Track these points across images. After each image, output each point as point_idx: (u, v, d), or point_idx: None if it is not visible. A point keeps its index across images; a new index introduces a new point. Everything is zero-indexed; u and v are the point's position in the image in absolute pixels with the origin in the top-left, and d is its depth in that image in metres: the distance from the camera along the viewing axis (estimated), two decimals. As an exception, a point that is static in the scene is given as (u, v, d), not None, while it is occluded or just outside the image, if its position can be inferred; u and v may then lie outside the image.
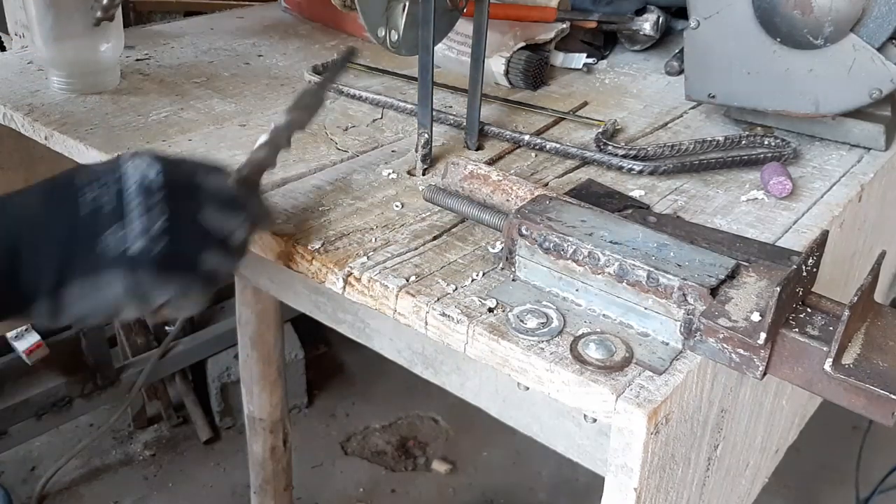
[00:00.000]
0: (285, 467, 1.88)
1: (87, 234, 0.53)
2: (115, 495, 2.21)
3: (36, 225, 0.53)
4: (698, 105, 1.06)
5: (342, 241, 0.71)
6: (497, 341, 0.59)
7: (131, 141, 0.87)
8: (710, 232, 0.72)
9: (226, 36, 1.28)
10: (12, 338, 1.91)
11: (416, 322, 0.64)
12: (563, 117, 1.01)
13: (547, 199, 0.69)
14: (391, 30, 0.82)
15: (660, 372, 0.56)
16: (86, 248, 0.53)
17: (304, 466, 2.30)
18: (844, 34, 0.86)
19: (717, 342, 0.56)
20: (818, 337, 0.54)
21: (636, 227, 0.65)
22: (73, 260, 0.53)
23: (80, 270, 0.53)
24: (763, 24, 0.90)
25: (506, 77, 1.11)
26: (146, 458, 2.35)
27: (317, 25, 1.35)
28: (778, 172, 0.84)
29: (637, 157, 0.87)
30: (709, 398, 0.63)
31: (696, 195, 0.83)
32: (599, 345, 0.57)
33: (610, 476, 0.57)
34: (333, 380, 2.68)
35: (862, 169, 0.91)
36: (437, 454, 2.42)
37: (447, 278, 0.66)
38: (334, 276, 0.67)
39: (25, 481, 2.22)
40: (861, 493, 2.16)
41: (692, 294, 0.57)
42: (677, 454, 0.60)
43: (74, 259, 0.53)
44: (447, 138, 0.94)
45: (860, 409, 0.53)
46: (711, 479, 0.72)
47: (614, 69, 1.21)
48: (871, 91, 0.87)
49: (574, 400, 0.56)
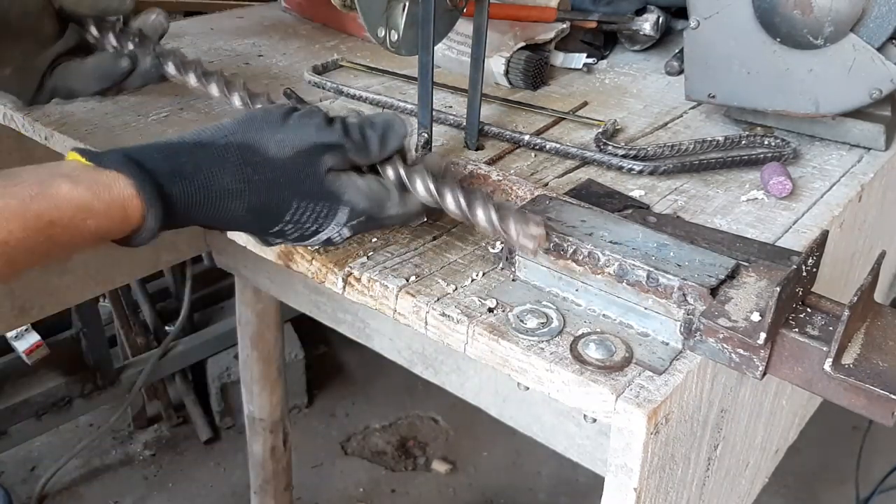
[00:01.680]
0: (285, 467, 1.88)
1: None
2: (115, 495, 2.21)
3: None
4: (698, 105, 1.06)
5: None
6: (497, 341, 0.59)
7: (131, 141, 0.87)
8: (710, 232, 0.72)
9: (226, 36, 1.28)
10: (12, 338, 1.91)
11: (416, 322, 0.64)
12: (563, 117, 1.01)
13: (547, 199, 0.69)
14: (391, 30, 0.82)
15: (660, 372, 0.56)
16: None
17: (304, 466, 2.30)
18: (844, 34, 0.86)
19: (717, 342, 0.56)
20: (818, 337, 0.54)
21: (636, 227, 0.65)
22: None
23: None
24: (763, 24, 0.90)
25: (506, 77, 1.11)
26: (146, 458, 2.35)
27: (317, 25, 1.35)
28: (778, 172, 0.84)
29: (637, 157, 0.87)
30: (709, 398, 0.63)
31: (696, 195, 0.83)
32: (599, 345, 0.57)
33: (610, 476, 0.57)
34: (333, 380, 2.68)
35: (862, 169, 0.91)
36: (437, 454, 2.42)
37: (447, 278, 0.66)
38: (334, 276, 0.67)
39: (25, 481, 2.22)
40: (861, 493, 2.17)
41: (692, 294, 0.57)
42: (677, 454, 0.60)
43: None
44: (447, 138, 0.94)
45: (860, 409, 0.53)
46: (711, 479, 0.72)
47: (614, 69, 1.21)
48: (871, 91, 0.87)
49: (574, 400, 0.56)
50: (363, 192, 0.62)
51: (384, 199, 0.64)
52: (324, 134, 0.61)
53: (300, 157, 0.60)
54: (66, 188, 0.53)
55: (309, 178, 0.60)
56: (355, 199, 0.62)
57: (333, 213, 0.62)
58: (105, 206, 0.54)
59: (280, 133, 0.60)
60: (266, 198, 0.59)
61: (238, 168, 0.59)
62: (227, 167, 0.58)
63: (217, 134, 0.60)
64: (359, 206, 0.62)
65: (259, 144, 0.60)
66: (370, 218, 0.63)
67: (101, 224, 0.54)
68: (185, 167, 0.57)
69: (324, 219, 0.62)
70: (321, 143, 0.61)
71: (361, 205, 0.62)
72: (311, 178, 0.60)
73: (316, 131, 0.61)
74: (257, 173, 0.59)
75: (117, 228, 0.56)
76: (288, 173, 0.60)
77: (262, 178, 0.59)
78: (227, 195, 0.58)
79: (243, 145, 0.59)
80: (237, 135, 0.60)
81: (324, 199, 0.61)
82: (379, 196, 0.63)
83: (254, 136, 0.60)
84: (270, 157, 0.59)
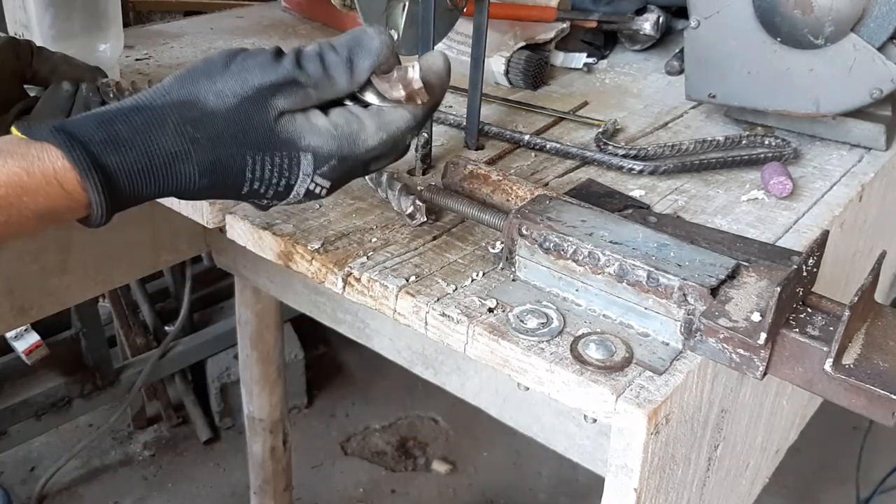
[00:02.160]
0: (285, 467, 1.88)
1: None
2: (115, 495, 2.21)
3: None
4: (699, 105, 1.06)
5: (342, 241, 0.71)
6: (497, 341, 0.59)
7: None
8: (710, 232, 0.72)
9: (226, 36, 1.27)
10: (12, 338, 1.91)
11: (416, 322, 0.64)
12: (563, 117, 1.01)
13: (547, 198, 0.69)
14: (391, 29, 0.82)
15: (660, 372, 0.56)
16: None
17: (304, 466, 2.30)
18: (845, 34, 0.86)
19: (718, 342, 0.56)
20: (818, 337, 0.54)
21: (636, 227, 0.65)
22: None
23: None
24: (763, 23, 0.90)
25: (506, 77, 1.11)
26: (146, 458, 2.35)
27: (317, 25, 1.35)
28: (778, 172, 0.84)
29: (637, 157, 0.87)
30: (709, 398, 0.62)
31: (697, 195, 0.83)
32: (599, 345, 0.57)
33: (610, 476, 0.57)
34: (333, 380, 2.68)
35: (862, 169, 0.91)
36: (437, 454, 2.42)
37: (447, 278, 0.66)
38: (334, 277, 0.67)
39: (25, 481, 2.22)
40: (861, 493, 2.16)
41: (692, 294, 0.57)
42: (677, 454, 0.60)
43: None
44: (447, 138, 0.94)
45: (860, 410, 0.53)
46: (711, 480, 0.72)
47: (614, 69, 1.21)
48: (871, 91, 0.87)
49: (574, 400, 0.56)
50: (324, 131, 0.56)
51: (355, 132, 0.57)
52: (269, 73, 0.55)
53: (244, 104, 0.54)
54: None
55: (256, 128, 0.55)
56: (316, 142, 0.56)
57: (297, 163, 0.56)
58: (38, 180, 0.50)
59: (220, 82, 0.55)
60: (214, 155, 0.54)
61: (178, 127, 0.53)
62: (166, 128, 0.53)
63: (154, 94, 0.55)
64: (322, 148, 0.56)
65: (197, 98, 0.54)
66: (343, 159, 0.57)
67: (41, 202, 0.50)
68: (119, 133, 0.52)
69: (288, 170, 0.56)
70: (267, 84, 0.55)
71: (326, 147, 0.56)
72: (259, 127, 0.55)
73: (260, 72, 0.55)
74: (199, 130, 0.54)
75: (62, 206, 0.51)
76: (232, 125, 0.54)
77: (205, 134, 0.54)
78: (173, 159, 0.53)
79: (181, 102, 0.54)
80: (174, 92, 0.55)
81: (278, 149, 0.55)
82: (347, 131, 0.57)
83: (191, 89, 0.55)
84: (210, 110, 0.54)
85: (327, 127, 0.56)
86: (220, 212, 0.75)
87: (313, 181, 0.57)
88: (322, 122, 0.56)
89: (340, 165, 0.57)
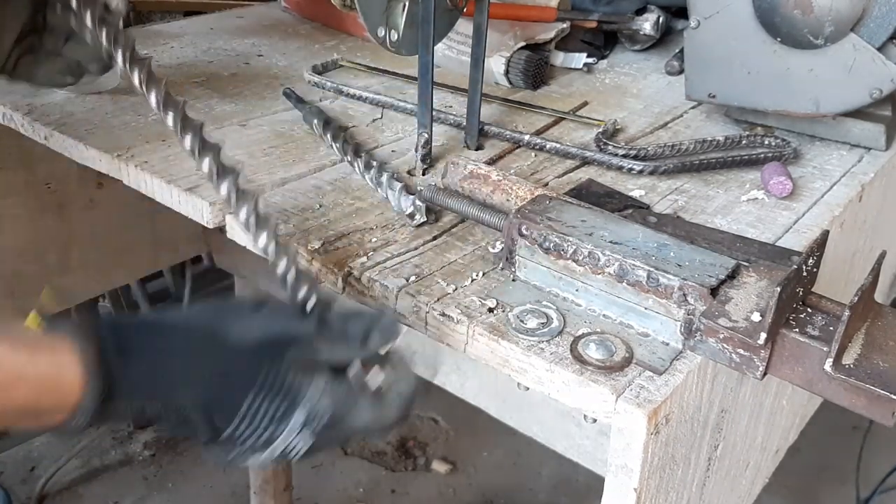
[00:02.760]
0: (285, 467, 1.87)
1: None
2: (115, 495, 2.21)
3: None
4: (698, 105, 1.06)
5: (342, 241, 0.71)
6: (497, 341, 0.59)
7: (131, 140, 0.87)
8: (710, 232, 0.72)
9: (226, 36, 1.27)
10: (12, 338, 1.90)
11: (416, 322, 0.64)
12: (563, 117, 1.01)
13: (547, 198, 0.69)
14: (391, 29, 0.82)
15: (660, 372, 0.56)
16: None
17: (304, 466, 2.30)
18: (845, 34, 0.86)
19: (718, 342, 0.56)
20: (818, 337, 0.54)
21: (636, 227, 0.65)
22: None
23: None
24: (763, 23, 0.90)
25: (506, 77, 1.11)
26: (146, 458, 2.34)
27: (317, 25, 1.35)
28: (778, 172, 0.84)
29: (637, 157, 0.87)
30: (709, 398, 0.62)
31: (697, 195, 0.83)
32: (599, 345, 0.57)
33: (610, 476, 0.57)
34: (333, 380, 2.68)
35: (862, 169, 0.91)
36: (437, 454, 2.42)
37: (447, 278, 0.66)
38: (334, 277, 0.67)
39: (25, 481, 2.22)
40: (861, 493, 2.16)
41: (692, 294, 0.57)
42: (677, 454, 0.60)
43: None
44: (447, 138, 0.94)
45: (860, 409, 0.53)
46: (711, 480, 0.72)
47: (614, 69, 1.21)
48: (871, 91, 0.87)
49: (574, 400, 0.56)
50: (325, 392, 0.57)
51: (349, 404, 0.58)
52: (293, 325, 0.58)
53: (262, 347, 0.56)
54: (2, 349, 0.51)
55: (266, 372, 0.55)
56: (315, 398, 0.56)
57: (290, 413, 0.56)
58: (42, 369, 0.52)
59: (246, 321, 0.58)
60: (218, 390, 0.55)
61: (194, 353, 0.55)
62: (179, 350, 0.55)
63: (179, 316, 0.59)
64: (319, 407, 0.56)
65: (220, 331, 0.56)
66: (332, 423, 0.57)
67: (30, 395, 0.51)
68: (133, 343, 0.54)
69: (279, 420, 0.56)
70: (287, 335, 0.57)
71: (322, 405, 0.56)
72: (270, 369, 0.56)
73: (285, 322, 0.59)
74: (213, 360, 0.56)
75: (49, 399, 0.52)
76: (245, 363, 0.56)
77: (217, 365, 0.55)
78: (176, 382, 0.55)
79: (204, 329, 0.57)
80: (200, 319, 0.58)
81: (282, 394, 0.56)
82: (343, 400, 0.58)
83: (217, 322, 0.57)
84: (230, 345, 0.56)
85: (328, 388, 0.57)
86: (221, 212, 0.75)
87: (298, 437, 0.57)
88: (324, 384, 0.57)
89: (328, 429, 0.58)
